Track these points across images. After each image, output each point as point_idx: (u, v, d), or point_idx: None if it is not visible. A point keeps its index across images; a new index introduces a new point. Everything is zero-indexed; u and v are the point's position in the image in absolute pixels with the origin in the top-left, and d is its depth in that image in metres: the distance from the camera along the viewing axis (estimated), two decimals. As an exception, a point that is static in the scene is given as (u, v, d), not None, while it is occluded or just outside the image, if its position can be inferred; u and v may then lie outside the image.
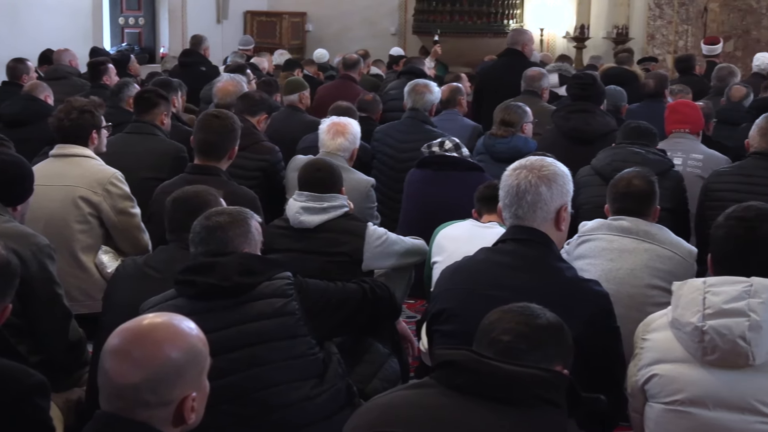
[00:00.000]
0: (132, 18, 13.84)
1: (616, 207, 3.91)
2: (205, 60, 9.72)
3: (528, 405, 2.02)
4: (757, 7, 12.83)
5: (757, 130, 4.88)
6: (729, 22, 12.96)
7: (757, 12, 12.84)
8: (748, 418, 2.55)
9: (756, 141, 4.87)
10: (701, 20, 13.01)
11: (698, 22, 12.99)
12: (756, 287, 2.57)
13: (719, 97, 7.58)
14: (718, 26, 12.89)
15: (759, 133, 4.86)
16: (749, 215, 2.76)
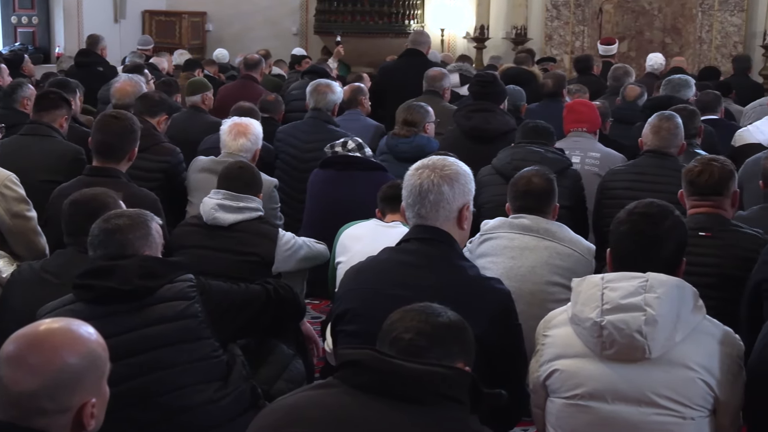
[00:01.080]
0: (25, 17, 13.47)
1: (516, 205, 3.96)
2: (103, 60, 9.53)
3: (430, 402, 2.03)
4: (649, 9, 13.16)
5: (649, 129, 5.00)
6: (623, 23, 13.28)
7: (650, 13, 13.18)
8: (645, 410, 2.60)
9: (649, 139, 4.99)
10: (597, 21, 13.29)
11: (594, 23, 13.27)
12: (652, 282, 2.63)
13: (615, 97, 7.75)
14: (613, 27, 13.19)
15: (652, 132, 4.98)
16: (652, 211, 2.83)
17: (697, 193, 3.92)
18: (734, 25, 12.59)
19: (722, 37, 12.63)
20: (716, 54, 12.63)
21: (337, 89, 6.56)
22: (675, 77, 7.40)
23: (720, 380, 2.61)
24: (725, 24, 12.61)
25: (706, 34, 12.73)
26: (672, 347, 2.60)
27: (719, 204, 3.90)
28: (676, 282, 2.65)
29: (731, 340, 2.69)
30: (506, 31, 13.63)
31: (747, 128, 6.53)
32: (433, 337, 2.21)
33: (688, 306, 2.65)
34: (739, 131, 6.56)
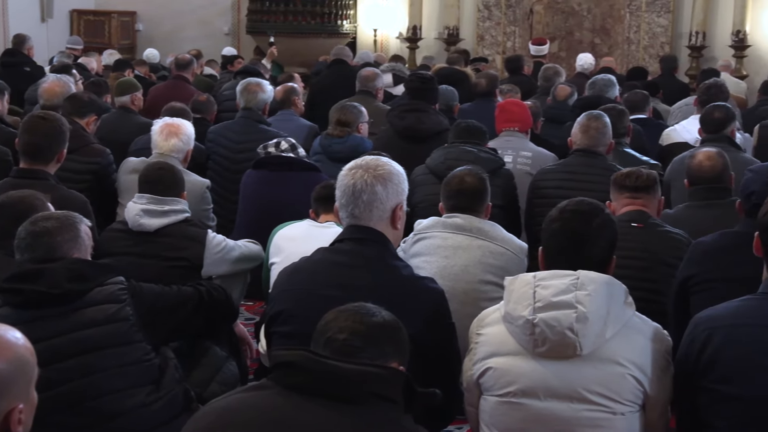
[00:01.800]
0: (-52, 16, 13.19)
1: (449, 204, 3.99)
2: (29, 60, 9.36)
3: (365, 402, 2.03)
4: (579, 10, 13.33)
5: (579, 128, 5.07)
6: (553, 23, 13.43)
7: (579, 14, 13.34)
8: (576, 406, 2.63)
9: (578, 138, 5.05)
10: (528, 22, 13.42)
11: (525, 24, 13.40)
12: (582, 280, 2.66)
13: (546, 97, 7.83)
14: (544, 28, 13.33)
15: (580, 131, 5.04)
16: (582, 209, 2.85)
17: (630, 189, 4.04)
18: (661, 26, 12.81)
19: (650, 38, 12.85)
20: (644, 54, 12.83)
21: (268, 88, 6.52)
22: (599, 77, 7.50)
23: (649, 376, 2.65)
24: (652, 25, 12.82)
25: (634, 34, 12.93)
26: (602, 344, 2.63)
27: (648, 203, 4.02)
28: (606, 279, 2.69)
29: (660, 335, 2.74)
30: (438, 31, 13.69)
31: (674, 127, 6.65)
32: (367, 337, 2.21)
33: (618, 303, 2.69)
34: (666, 130, 6.68)
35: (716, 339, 2.62)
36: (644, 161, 5.47)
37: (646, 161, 5.50)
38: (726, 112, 5.50)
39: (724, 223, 3.77)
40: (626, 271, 3.37)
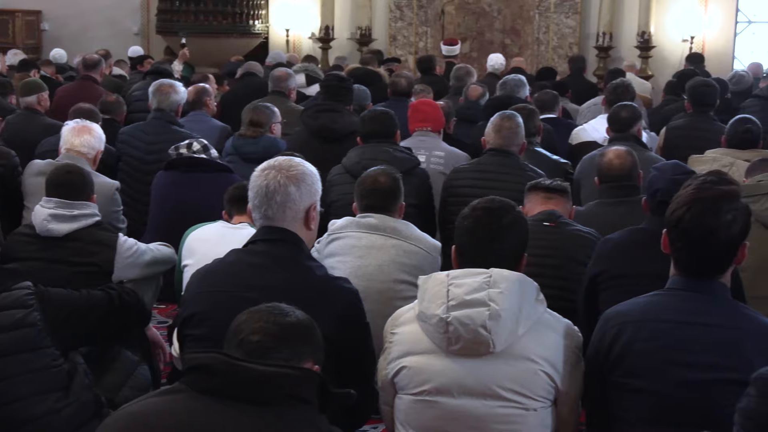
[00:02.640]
0: None
1: (363, 204, 3.99)
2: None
3: (279, 404, 2.02)
4: (489, 11, 13.47)
5: (492, 128, 5.11)
6: (465, 24, 13.55)
7: (490, 15, 13.48)
8: (490, 402, 2.66)
9: (491, 138, 5.10)
10: (439, 22, 13.51)
11: (437, 24, 13.48)
12: (495, 278, 2.68)
13: (458, 96, 7.89)
14: (455, 28, 13.44)
15: (494, 130, 5.09)
16: (494, 206, 2.88)
17: (544, 190, 4.13)
18: (569, 26, 13.02)
19: (558, 39, 13.05)
20: (553, 54, 13.03)
21: (181, 89, 6.45)
22: (510, 78, 7.59)
23: (560, 371, 2.69)
24: (561, 26, 13.03)
25: (543, 35, 13.12)
26: (515, 341, 2.66)
27: (560, 205, 4.11)
28: (518, 277, 2.72)
29: (571, 332, 2.78)
30: (351, 31, 13.70)
31: (583, 127, 6.76)
32: (281, 338, 2.20)
33: (529, 300, 2.72)
34: (575, 129, 6.79)
35: (625, 334, 2.67)
36: (555, 160, 5.55)
37: (557, 160, 5.58)
38: (632, 111, 5.61)
39: (634, 220, 3.85)
40: (538, 269, 3.43)
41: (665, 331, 2.54)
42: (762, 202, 4.16)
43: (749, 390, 1.82)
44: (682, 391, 2.49)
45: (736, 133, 5.44)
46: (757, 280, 3.99)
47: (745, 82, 9.21)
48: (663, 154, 5.96)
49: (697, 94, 6.47)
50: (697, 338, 2.50)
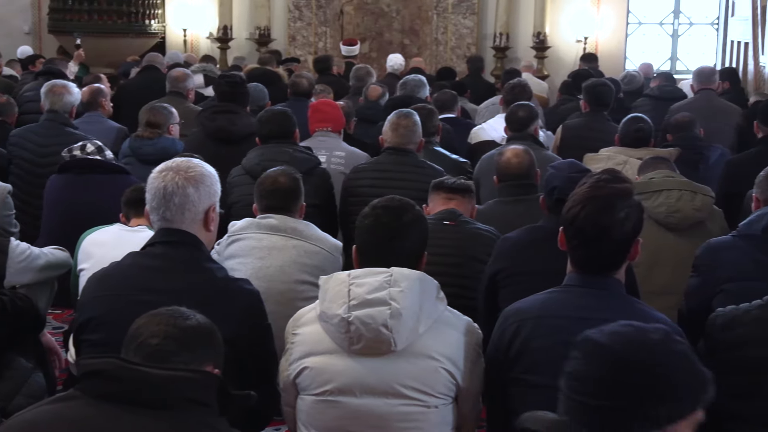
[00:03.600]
0: None
1: (263, 205, 3.97)
2: None
3: (179, 408, 1.99)
4: (388, 11, 13.53)
5: (389, 126, 5.13)
6: (364, 24, 13.57)
7: (389, 15, 13.54)
8: (392, 401, 2.67)
9: (389, 136, 5.12)
10: (338, 22, 13.52)
11: (336, 25, 13.49)
12: (396, 277, 2.69)
13: (358, 96, 7.91)
14: (354, 28, 13.46)
15: (391, 129, 5.11)
16: (393, 205, 2.90)
17: (446, 190, 4.17)
18: (467, 27, 13.16)
19: (456, 39, 13.18)
20: (452, 55, 13.16)
21: (75, 90, 6.31)
22: (410, 78, 7.64)
23: (461, 368, 2.72)
24: (459, 26, 13.16)
25: (442, 35, 13.24)
26: (416, 339, 2.68)
27: (461, 205, 4.15)
28: (418, 275, 2.73)
29: (471, 329, 2.81)
30: (250, 31, 13.60)
31: (482, 126, 6.84)
32: (181, 341, 2.17)
33: (430, 298, 2.74)
34: (474, 129, 6.86)
35: (524, 331, 2.71)
36: (454, 159, 5.60)
37: (456, 159, 5.63)
38: (529, 110, 5.70)
39: (532, 218, 3.91)
40: (438, 267, 3.46)
41: (562, 327, 2.58)
42: (654, 199, 4.28)
43: (574, 353, 1.88)
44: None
45: (629, 132, 5.57)
46: (650, 275, 4.10)
47: (637, 81, 9.46)
48: (559, 152, 6.07)
49: (594, 93, 6.61)
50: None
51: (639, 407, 1.77)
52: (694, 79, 7.87)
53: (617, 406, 1.78)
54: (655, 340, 1.84)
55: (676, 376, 1.79)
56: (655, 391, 1.77)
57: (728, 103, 7.69)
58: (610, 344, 1.84)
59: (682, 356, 1.84)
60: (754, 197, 3.77)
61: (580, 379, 1.86)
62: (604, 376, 1.81)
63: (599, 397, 1.80)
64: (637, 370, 1.78)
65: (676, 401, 1.79)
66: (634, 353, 1.81)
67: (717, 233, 4.12)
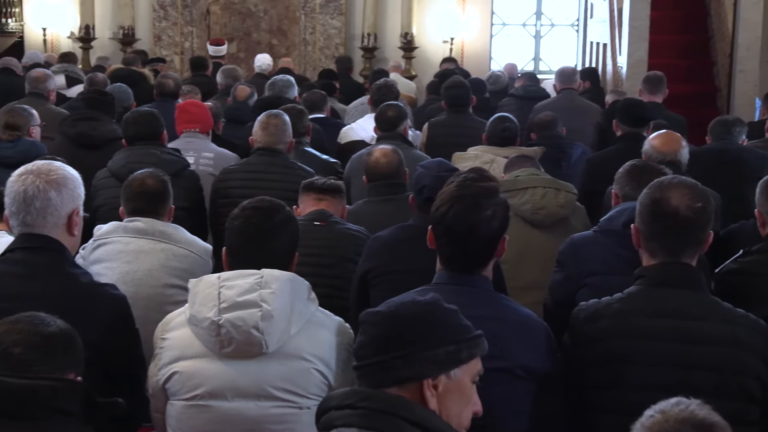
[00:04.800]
0: None
1: (130, 208, 3.90)
2: None
3: (41, 418, 1.94)
4: (255, 11, 13.42)
5: (259, 126, 5.11)
6: (231, 24, 13.44)
7: (256, 15, 13.44)
8: (264, 403, 2.66)
9: (259, 136, 5.10)
10: (205, 22, 13.34)
11: (202, 24, 13.31)
12: (266, 278, 2.69)
13: (226, 97, 7.83)
14: (221, 28, 13.31)
15: (261, 128, 5.09)
16: (264, 206, 2.90)
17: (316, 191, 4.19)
18: (335, 27, 13.19)
19: (325, 39, 13.19)
20: (320, 55, 13.16)
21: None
22: (279, 78, 7.63)
23: (333, 368, 2.72)
24: (327, 26, 13.18)
25: (310, 35, 13.23)
26: (287, 340, 2.67)
27: (332, 205, 4.17)
28: (289, 276, 2.73)
29: (342, 329, 2.82)
30: (113, 31, 13.29)
31: (351, 126, 6.86)
32: (44, 349, 2.12)
33: (301, 299, 2.74)
34: (344, 129, 6.88)
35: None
36: (324, 160, 5.61)
37: (326, 160, 5.64)
38: (398, 110, 5.75)
39: (401, 217, 3.95)
40: (309, 268, 3.47)
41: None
42: (520, 196, 4.37)
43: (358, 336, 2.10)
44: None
45: (496, 131, 5.68)
46: (516, 271, 4.19)
47: (502, 81, 9.67)
48: (426, 151, 6.14)
49: (449, 96, 6.71)
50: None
51: (418, 351, 1.97)
52: (557, 79, 8.09)
53: (399, 355, 1.97)
54: (423, 300, 2.09)
55: (447, 323, 2.04)
56: (431, 335, 2.00)
57: (589, 102, 7.93)
58: (383, 309, 2.06)
59: (450, 311, 2.07)
60: (614, 194, 3.88)
61: (364, 346, 2.03)
62: (382, 333, 2.00)
63: (380, 352, 1.99)
64: (409, 319, 2.01)
65: (452, 344, 2.01)
66: (405, 308, 2.04)
67: (580, 229, 4.24)
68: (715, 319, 2.65)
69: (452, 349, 2.00)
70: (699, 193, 2.73)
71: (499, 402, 2.51)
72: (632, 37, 9.98)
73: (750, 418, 2.60)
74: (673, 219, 2.68)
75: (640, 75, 8.54)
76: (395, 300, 2.14)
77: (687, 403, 1.79)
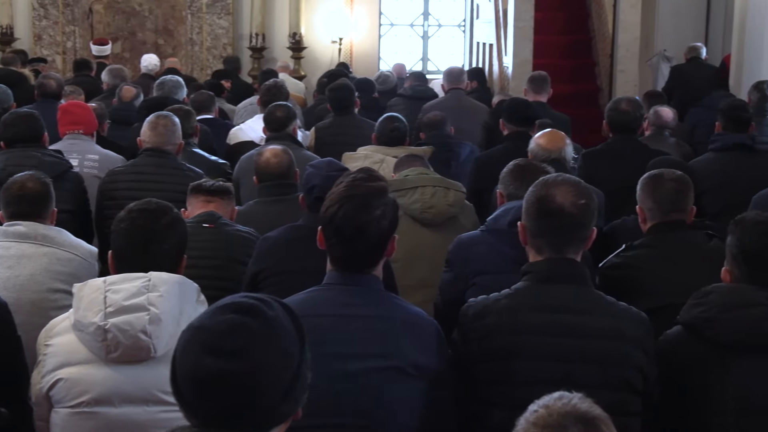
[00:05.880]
0: None
1: (10, 212, 3.79)
2: None
3: None
4: (140, 10, 13.19)
5: (147, 126, 5.04)
6: (115, 23, 13.17)
7: (141, 15, 13.21)
8: (152, 408, 2.63)
9: (147, 137, 5.03)
10: (88, 21, 13.04)
11: (85, 24, 13.00)
12: (154, 281, 2.66)
13: (112, 98, 7.69)
14: (105, 28, 13.03)
15: (149, 129, 5.03)
16: (151, 207, 2.87)
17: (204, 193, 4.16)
18: (222, 27, 13.06)
19: (212, 39, 13.04)
20: (208, 55, 13.02)
21: None
22: (167, 78, 7.53)
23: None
24: (214, 26, 13.03)
25: (197, 35, 13.07)
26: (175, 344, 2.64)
27: (220, 207, 4.15)
28: (178, 279, 2.71)
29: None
30: (-8, 30, 12.88)
31: (240, 127, 6.81)
32: None
33: (190, 302, 2.72)
34: (233, 130, 6.83)
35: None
36: (213, 161, 5.56)
37: (215, 161, 5.60)
38: (287, 111, 5.74)
39: (292, 217, 3.94)
40: (198, 270, 3.42)
41: (322, 326, 2.59)
42: (409, 195, 4.40)
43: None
44: (339, 382, 2.56)
45: (385, 131, 5.72)
46: (407, 270, 4.22)
47: (390, 81, 9.73)
48: (315, 152, 6.14)
49: (333, 98, 6.70)
50: (353, 330, 2.59)
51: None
52: (444, 79, 8.18)
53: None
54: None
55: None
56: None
57: (476, 102, 8.05)
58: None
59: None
60: (499, 193, 3.94)
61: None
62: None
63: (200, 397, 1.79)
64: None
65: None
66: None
67: (469, 227, 4.30)
68: (599, 313, 2.72)
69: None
70: (582, 190, 2.79)
71: (390, 400, 2.52)
72: (517, 38, 10.17)
73: (632, 409, 2.68)
74: (558, 216, 2.73)
75: (525, 75, 8.70)
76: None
77: (569, 397, 1.83)
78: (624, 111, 5.50)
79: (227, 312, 1.79)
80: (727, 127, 5.48)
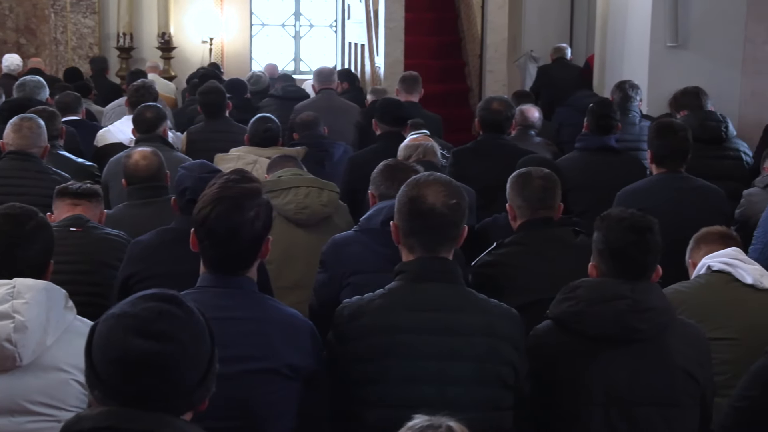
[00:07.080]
0: None
1: None
2: None
3: None
4: (0, 9, 12.80)
5: (11, 128, 4.94)
6: (-26, 22, 12.74)
7: (2, 13, 12.81)
8: (19, 419, 2.56)
9: (11, 139, 4.91)
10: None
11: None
12: (19, 288, 2.59)
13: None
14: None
15: (13, 131, 4.92)
16: (15, 212, 2.81)
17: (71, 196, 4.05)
18: (88, 26, 12.78)
19: (77, 39, 12.75)
20: (73, 55, 12.71)
21: None
22: (29, 79, 7.33)
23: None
24: (79, 26, 12.74)
25: (61, 35, 12.74)
26: (43, 352, 2.59)
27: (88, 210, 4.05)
28: (44, 285, 2.64)
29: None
30: None
31: (108, 128, 6.66)
32: None
33: (58, 308, 2.66)
34: (101, 131, 6.67)
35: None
36: (80, 163, 5.44)
37: (82, 163, 5.47)
38: (157, 112, 5.64)
39: (163, 220, 3.88)
40: (66, 276, 3.38)
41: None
42: (283, 196, 4.39)
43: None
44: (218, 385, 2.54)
45: (257, 131, 5.68)
46: (281, 271, 4.21)
47: (263, 82, 9.69)
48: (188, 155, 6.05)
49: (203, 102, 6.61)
50: (228, 333, 2.56)
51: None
52: (315, 80, 8.18)
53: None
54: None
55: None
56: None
57: (348, 102, 8.07)
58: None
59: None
60: (370, 194, 3.97)
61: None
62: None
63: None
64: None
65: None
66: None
67: (343, 227, 4.31)
68: (472, 310, 2.76)
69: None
70: (454, 189, 2.83)
71: (265, 402, 2.51)
72: (388, 38, 10.26)
73: (505, 403, 2.73)
74: (430, 216, 2.76)
75: (396, 75, 8.78)
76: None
77: (440, 422, 1.85)
78: (495, 110, 5.59)
79: (150, 300, 1.90)
80: (594, 131, 5.63)
